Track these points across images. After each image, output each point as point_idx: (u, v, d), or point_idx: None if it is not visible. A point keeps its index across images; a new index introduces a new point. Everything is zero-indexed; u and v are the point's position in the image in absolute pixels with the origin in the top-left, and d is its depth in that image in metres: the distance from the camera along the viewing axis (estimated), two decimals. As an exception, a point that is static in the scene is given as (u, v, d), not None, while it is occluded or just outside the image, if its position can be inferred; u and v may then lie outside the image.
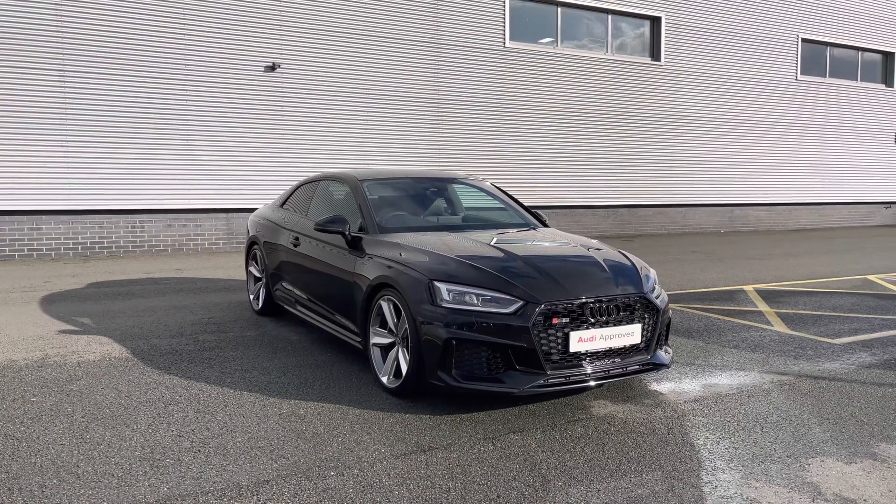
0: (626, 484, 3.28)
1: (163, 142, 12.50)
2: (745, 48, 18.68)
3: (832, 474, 3.40)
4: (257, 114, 13.23)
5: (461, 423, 3.99)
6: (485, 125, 15.49)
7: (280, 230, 6.43)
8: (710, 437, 3.85)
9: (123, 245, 12.41)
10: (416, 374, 4.18)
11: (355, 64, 14.00)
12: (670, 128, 17.85)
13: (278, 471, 3.37)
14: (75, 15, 11.77)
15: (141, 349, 5.59)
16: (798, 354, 5.58)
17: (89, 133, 11.98)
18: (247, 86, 13.10)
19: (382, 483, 3.26)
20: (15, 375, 4.88)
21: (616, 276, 4.40)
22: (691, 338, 6.10)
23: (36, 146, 11.67)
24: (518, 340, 3.96)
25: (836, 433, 3.92)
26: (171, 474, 3.32)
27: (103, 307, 7.37)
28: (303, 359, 5.33)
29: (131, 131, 12.26)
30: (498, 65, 15.58)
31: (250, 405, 4.27)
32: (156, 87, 12.39)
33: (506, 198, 6.28)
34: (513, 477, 3.34)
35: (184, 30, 12.54)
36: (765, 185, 19.39)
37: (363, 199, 5.47)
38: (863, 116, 20.92)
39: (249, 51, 13.07)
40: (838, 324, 6.74)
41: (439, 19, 14.83)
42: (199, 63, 12.70)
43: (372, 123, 14.25)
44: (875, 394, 4.60)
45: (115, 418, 4.05)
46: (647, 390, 4.61)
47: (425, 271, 4.28)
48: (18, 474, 3.32)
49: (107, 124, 12.08)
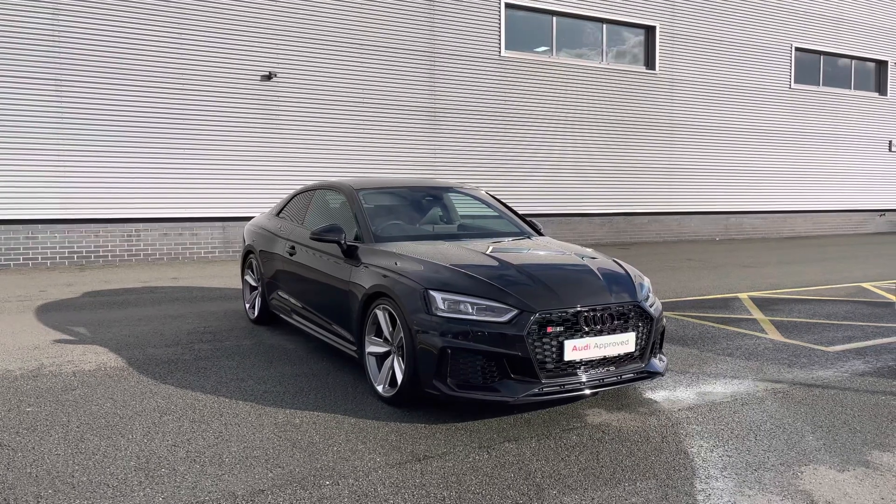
0: (620, 492, 3.30)
1: (159, 151, 12.52)
2: (739, 57, 18.81)
3: (825, 482, 3.42)
4: (253, 123, 13.26)
5: (456, 432, 4.00)
6: (480, 134, 15.55)
7: (276, 239, 6.44)
8: (704, 445, 3.87)
9: (119, 254, 12.40)
10: (411, 382, 4.19)
11: (351, 73, 14.05)
12: (665, 136, 17.93)
13: (274, 480, 3.37)
14: (71, 24, 11.80)
15: (136, 358, 5.60)
16: (792, 362, 5.61)
17: (85, 142, 12.00)
18: (243, 95, 13.14)
19: (378, 492, 3.26)
20: (10, 385, 4.87)
21: (610, 285, 4.42)
22: (686, 346, 6.12)
23: (31, 155, 11.67)
24: (513, 349, 3.97)
25: (830, 441, 3.94)
26: (166, 484, 3.32)
27: (99, 316, 7.36)
28: (298, 368, 5.34)
29: (127, 140, 12.28)
30: (493, 74, 15.66)
31: (246, 414, 4.28)
32: (152, 96, 12.41)
33: (501, 206, 6.31)
34: (507, 485, 3.35)
35: (180, 39, 12.58)
36: (759, 193, 19.47)
37: (359, 208, 5.49)
38: (857, 125, 21.04)
39: (246, 60, 13.12)
40: (832, 332, 6.77)
41: (435, 28, 14.91)
42: (196, 72, 12.73)
43: (368, 132, 14.29)
44: (868, 402, 4.62)
45: (111, 428, 4.05)
46: (642, 398, 4.63)
47: (421, 280, 4.30)
48: (14, 484, 3.32)
49: (102, 133, 12.10)
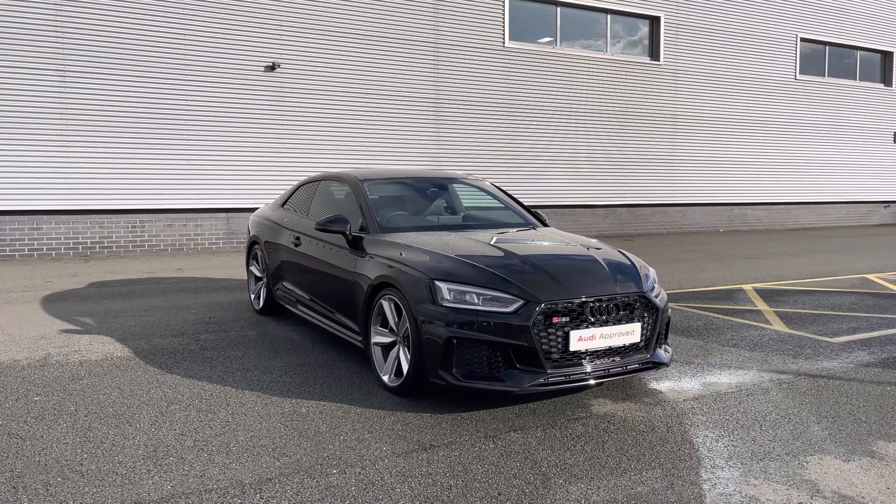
0: (626, 482, 3.31)
1: (163, 141, 12.52)
2: (744, 48, 18.71)
3: (830, 472, 3.43)
4: (257, 113, 13.24)
5: (462, 422, 4.01)
6: (484, 125, 15.52)
7: (281, 230, 6.45)
8: (710, 435, 3.88)
9: (124, 245, 12.43)
10: (417, 372, 4.20)
11: (355, 64, 14.02)
12: (670, 127, 17.87)
13: (281, 469, 3.39)
14: (75, 14, 11.78)
15: (143, 348, 5.62)
16: (797, 353, 5.61)
17: (89, 133, 12.00)
18: (247, 85, 13.12)
19: (384, 481, 3.28)
20: (18, 374, 4.90)
21: (616, 275, 4.42)
22: (690, 336, 6.12)
23: (36, 146, 11.69)
24: (518, 339, 3.98)
25: (835, 431, 3.94)
26: (174, 472, 3.34)
27: (104, 307, 7.39)
28: (304, 358, 5.36)
29: (131, 131, 12.28)
30: (497, 64, 15.61)
31: (252, 404, 4.30)
32: (156, 86, 12.41)
33: (505, 197, 6.30)
34: (513, 475, 3.37)
35: (184, 29, 12.56)
36: (764, 184, 19.42)
37: (364, 198, 5.49)
38: (862, 116, 20.95)
39: (249, 50, 13.09)
40: (837, 323, 6.77)
41: (439, 18, 14.85)
42: (199, 62, 12.71)
43: (372, 123, 14.27)
44: (873, 392, 4.62)
45: (118, 417, 4.07)
46: (647, 389, 4.64)
47: (426, 270, 4.31)
48: (23, 473, 3.34)
49: (107, 124, 12.11)
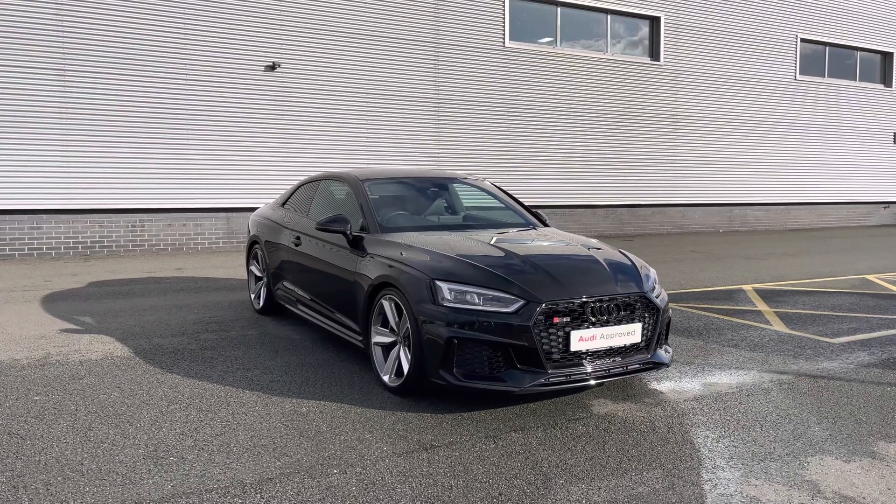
0: (626, 482, 3.31)
1: (163, 141, 12.52)
2: (744, 48, 18.72)
3: (831, 472, 3.43)
4: (257, 113, 13.24)
5: (462, 422, 4.01)
6: (485, 124, 15.52)
7: (281, 230, 6.44)
8: (710, 435, 3.88)
9: (124, 244, 12.42)
10: (417, 372, 4.20)
11: (355, 63, 14.02)
12: (670, 128, 17.88)
13: (281, 469, 3.39)
14: (76, 14, 11.77)
15: (143, 348, 5.61)
16: (797, 354, 5.61)
17: (89, 132, 12.00)
18: (247, 85, 13.12)
19: (385, 481, 3.28)
20: (18, 374, 4.90)
21: (616, 276, 4.42)
22: (691, 337, 6.12)
23: (36, 145, 11.68)
24: (519, 339, 3.98)
25: (835, 432, 3.94)
26: (174, 472, 3.34)
27: (104, 306, 7.38)
28: (304, 358, 5.35)
29: (131, 130, 12.28)
30: (498, 64, 15.61)
31: (252, 404, 4.29)
32: (156, 86, 12.40)
33: (506, 197, 6.30)
34: (514, 475, 3.36)
35: (184, 29, 12.56)
36: (764, 184, 19.42)
37: (364, 198, 5.49)
38: (861, 116, 20.96)
39: (250, 50, 13.09)
40: (837, 323, 6.77)
41: (439, 18, 14.85)
42: (200, 62, 12.71)
43: (372, 123, 14.27)
44: (874, 393, 4.62)
45: (119, 416, 4.07)
46: (648, 389, 4.63)
47: (427, 270, 4.30)
48: (23, 472, 3.34)
49: (107, 123, 12.10)
